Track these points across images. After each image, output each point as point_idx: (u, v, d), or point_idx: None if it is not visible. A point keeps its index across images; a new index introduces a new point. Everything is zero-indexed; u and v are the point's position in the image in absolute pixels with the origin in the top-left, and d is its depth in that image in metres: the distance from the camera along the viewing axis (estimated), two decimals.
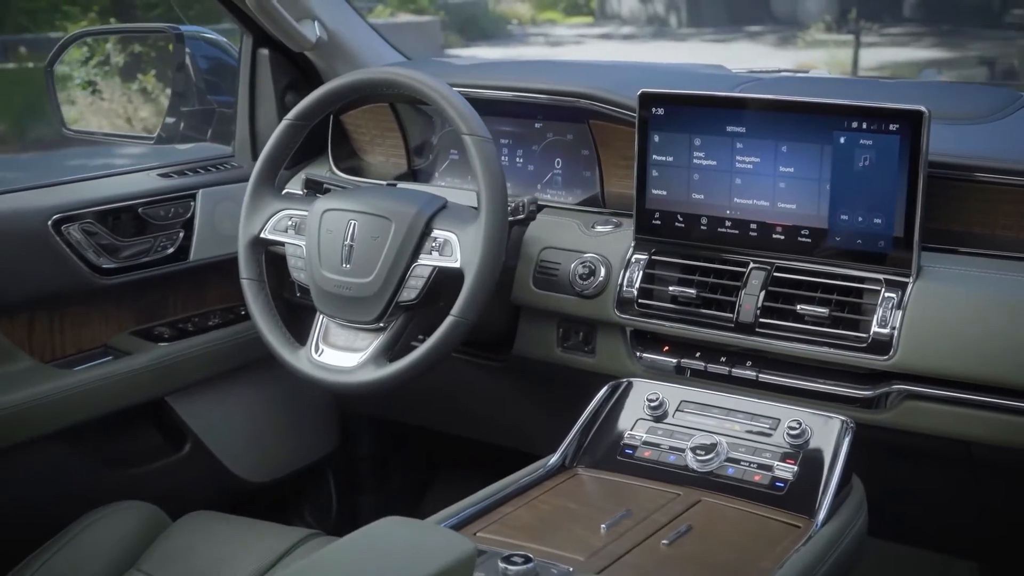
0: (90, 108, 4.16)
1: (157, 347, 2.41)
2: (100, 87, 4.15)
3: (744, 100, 1.98)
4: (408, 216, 2.06)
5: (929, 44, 15.75)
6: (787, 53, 15.26)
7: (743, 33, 17.52)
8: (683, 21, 18.53)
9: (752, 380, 1.99)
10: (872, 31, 15.15)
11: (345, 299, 2.10)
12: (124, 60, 4.00)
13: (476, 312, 2.00)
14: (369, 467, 2.99)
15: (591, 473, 1.91)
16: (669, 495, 1.81)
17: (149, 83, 5.09)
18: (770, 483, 1.79)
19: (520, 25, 19.29)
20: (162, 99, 5.20)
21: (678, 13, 18.64)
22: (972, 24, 16.65)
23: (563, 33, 18.72)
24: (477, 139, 2.02)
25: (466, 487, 3.00)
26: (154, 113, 5.36)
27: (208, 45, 2.71)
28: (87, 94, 3.83)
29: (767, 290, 1.97)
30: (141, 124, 5.50)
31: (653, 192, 2.08)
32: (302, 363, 2.14)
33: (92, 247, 2.29)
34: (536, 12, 20.12)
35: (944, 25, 16.62)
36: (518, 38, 18.12)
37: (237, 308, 2.60)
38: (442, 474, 3.07)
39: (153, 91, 5.27)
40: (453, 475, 3.05)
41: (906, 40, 15.95)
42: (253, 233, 2.21)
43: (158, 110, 5.32)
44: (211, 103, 2.71)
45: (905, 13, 17.43)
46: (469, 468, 3.01)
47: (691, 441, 1.87)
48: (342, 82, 2.15)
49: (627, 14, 19.12)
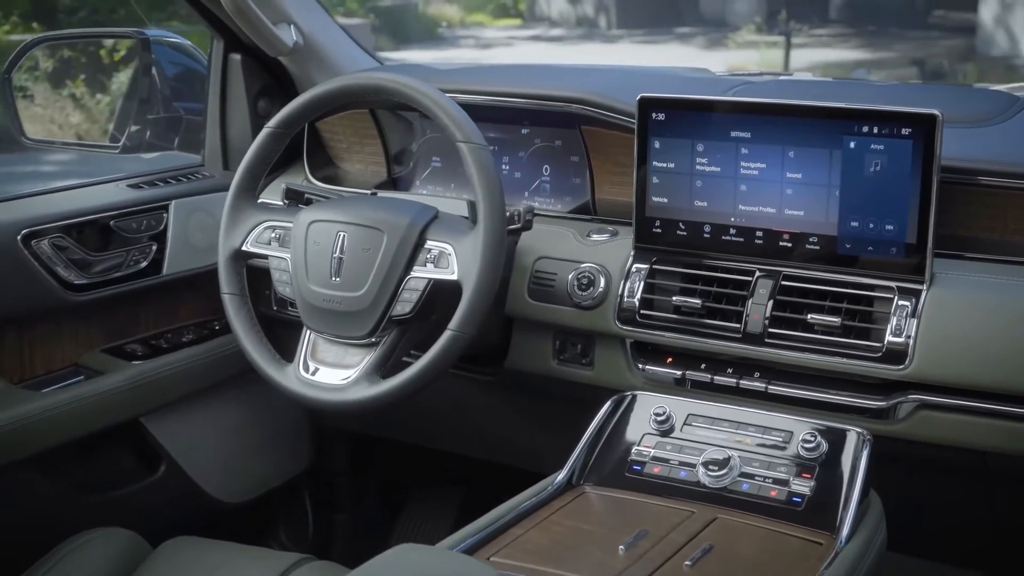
0: (25, 114, 4.04)
1: (131, 365, 2.31)
2: (31, 92, 4.04)
3: (750, 104, 1.93)
4: (401, 227, 1.99)
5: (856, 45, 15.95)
6: (718, 54, 15.34)
7: (673, 35, 17.61)
8: (613, 23, 18.56)
9: (761, 392, 1.94)
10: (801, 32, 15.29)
11: (335, 314, 2.02)
12: (53, 66, 3.89)
13: (475, 326, 1.93)
14: (344, 484, 2.91)
15: (599, 491, 1.84)
16: (684, 513, 1.75)
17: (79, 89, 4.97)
18: (787, 498, 1.74)
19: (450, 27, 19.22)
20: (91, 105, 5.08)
21: (607, 15, 18.66)
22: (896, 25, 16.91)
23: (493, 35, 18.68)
24: (473, 146, 1.95)
25: (443, 502, 2.95)
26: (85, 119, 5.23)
27: (173, 50, 2.61)
28: (21, 100, 3.70)
29: (775, 299, 1.92)
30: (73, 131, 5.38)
31: (653, 199, 2.03)
32: (290, 381, 2.05)
33: (63, 262, 2.19)
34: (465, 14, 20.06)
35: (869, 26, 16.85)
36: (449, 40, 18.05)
37: (211, 323, 2.50)
38: (418, 490, 2.99)
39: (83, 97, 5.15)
40: (430, 490, 2.97)
41: (833, 41, 16.15)
42: (234, 246, 2.12)
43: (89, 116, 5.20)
44: (177, 110, 2.62)
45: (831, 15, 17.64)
46: (448, 483, 2.94)
47: (702, 456, 1.82)
48: (328, 88, 2.07)
49: (556, 16, 19.12)
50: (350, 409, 2.00)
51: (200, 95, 2.60)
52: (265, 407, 2.59)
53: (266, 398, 2.56)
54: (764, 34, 15.19)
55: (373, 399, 1.98)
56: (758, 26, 15.38)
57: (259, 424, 2.60)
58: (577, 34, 18.37)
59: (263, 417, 2.60)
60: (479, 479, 2.89)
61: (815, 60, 14.32)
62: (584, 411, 2.17)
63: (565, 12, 19.08)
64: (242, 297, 2.12)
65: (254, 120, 2.49)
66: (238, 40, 2.44)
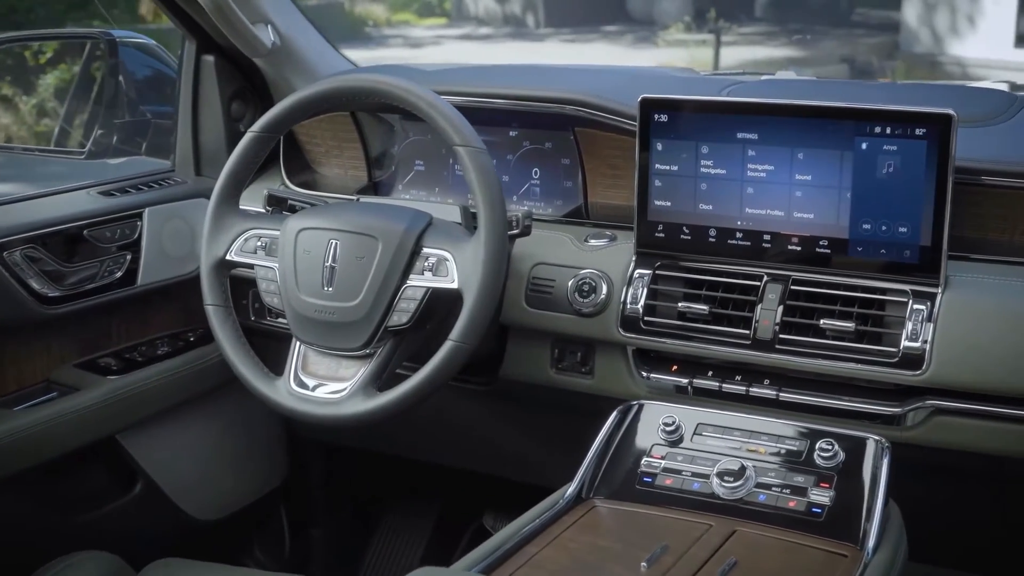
0: None
1: (107, 381, 2.21)
2: None
3: (758, 105, 1.89)
4: (396, 234, 1.92)
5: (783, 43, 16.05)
6: (647, 53, 15.38)
7: (600, 33, 17.61)
8: (540, 21, 18.51)
9: (772, 399, 1.90)
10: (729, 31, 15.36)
11: (328, 325, 1.94)
12: None
13: (478, 336, 1.87)
14: (320, 497, 2.82)
15: (610, 505, 1.79)
16: (701, 526, 1.70)
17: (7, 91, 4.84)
18: (806, 509, 1.70)
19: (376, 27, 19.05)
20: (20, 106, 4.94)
21: (535, 13, 18.61)
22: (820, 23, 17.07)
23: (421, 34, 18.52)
24: (472, 150, 1.88)
25: (420, 515, 2.88)
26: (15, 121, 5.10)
27: (139, 51, 2.51)
28: None
29: (785, 304, 1.87)
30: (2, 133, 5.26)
31: (656, 203, 1.97)
32: (281, 396, 1.97)
33: (36, 274, 2.08)
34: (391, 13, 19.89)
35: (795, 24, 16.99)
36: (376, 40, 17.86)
37: (185, 335, 2.41)
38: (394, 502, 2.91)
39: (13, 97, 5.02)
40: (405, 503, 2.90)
41: (761, 39, 16.24)
42: (218, 255, 2.03)
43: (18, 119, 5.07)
44: (144, 114, 2.52)
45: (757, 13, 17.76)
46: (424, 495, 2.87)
47: (716, 467, 1.77)
48: (317, 90, 1.99)
49: (484, 14, 19.03)
50: (346, 424, 1.93)
51: (168, 98, 2.50)
52: (241, 421, 2.50)
53: (242, 411, 2.48)
54: (693, 33, 15.23)
55: (370, 413, 1.91)
56: (687, 25, 15.43)
57: (235, 438, 2.51)
58: (505, 33, 18.30)
59: (239, 431, 2.51)
60: (455, 490, 2.83)
61: (744, 58, 14.39)
62: (582, 421, 2.11)
63: (492, 11, 19.00)
64: (227, 308, 2.04)
65: (228, 123, 2.40)
66: (211, 41, 2.35)
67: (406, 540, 2.82)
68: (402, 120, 2.36)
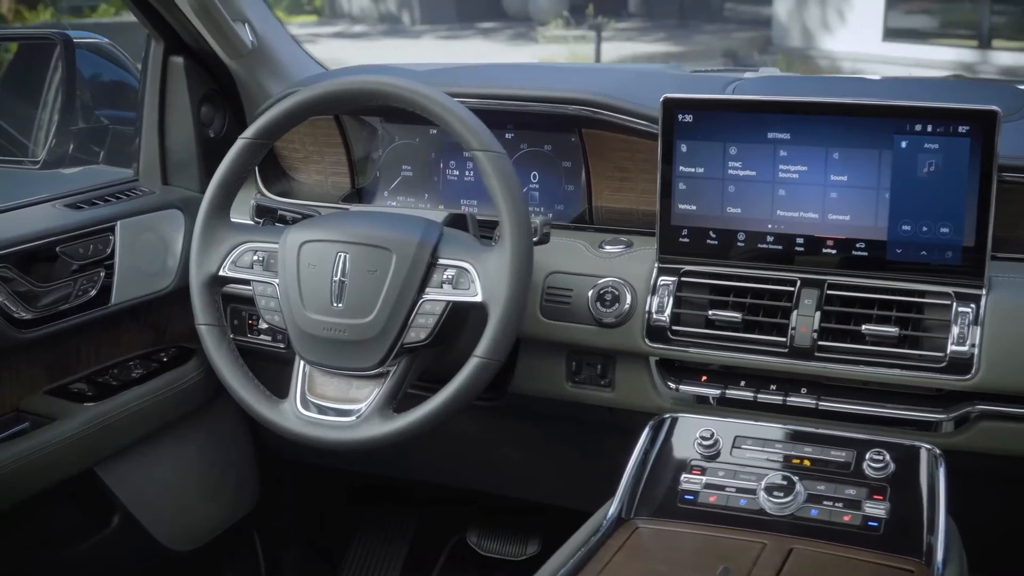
0: None
1: (84, 408, 2.04)
2: None
3: (792, 104, 1.81)
4: (411, 245, 1.80)
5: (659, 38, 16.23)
6: (526, 49, 15.37)
7: (476, 30, 17.56)
8: (416, 19, 18.38)
9: (811, 408, 1.83)
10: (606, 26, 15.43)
11: (337, 343, 1.82)
12: None
13: (505, 351, 1.76)
14: (293, 519, 2.68)
15: (653, 525, 1.70)
16: (755, 545, 1.62)
17: None
18: (862, 523, 1.64)
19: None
20: None
21: (411, 11, 18.47)
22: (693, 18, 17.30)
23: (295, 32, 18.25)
24: (492, 155, 1.77)
25: (394, 534, 2.76)
26: None
27: (91, 52, 2.34)
28: None
29: (822, 310, 1.81)
30: None
31: (680, 207, 1.89)
32: (288, 421, 1.84)
33: (8, 296, 1.91)
34: None
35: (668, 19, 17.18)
36: None
37: (157, 355, 2.26)
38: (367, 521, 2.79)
39: None
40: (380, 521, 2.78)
41: (637, 34, 16.39)
42: (210, 271, 1.89)
43: None
44: (100, 120, 2.35)
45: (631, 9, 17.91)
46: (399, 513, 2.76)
47: (764, 481, 1.70)
48: (317, 93, 1.85)
49: (358, 12, 18.81)
50: (362, 448, 1.81)
51: (126, 102, 2.34)
52: (214, 444, 2.36)
53: (214, 434, 2.35)
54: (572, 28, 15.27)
55: (389, 436, 1.79)
56: (566, 20, 15.46)
57: (209, 462, 2.36)
58: (380, 30, 18.12)
59: (212, 455, 2.37)
60: (431, 507, 2.72)
61: (624, 53, 14.48)
62: (595, 436, 2.03)
63: (367, 8, 18.79)
64: (221, 328, 1.90)
65: (198, 128, 2.25)
66: (180, 41, 2.20)
67: (381, 558, 2.71)
68: (385, 123, 2.24)
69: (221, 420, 2.35)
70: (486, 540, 2.66)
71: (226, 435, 2.36)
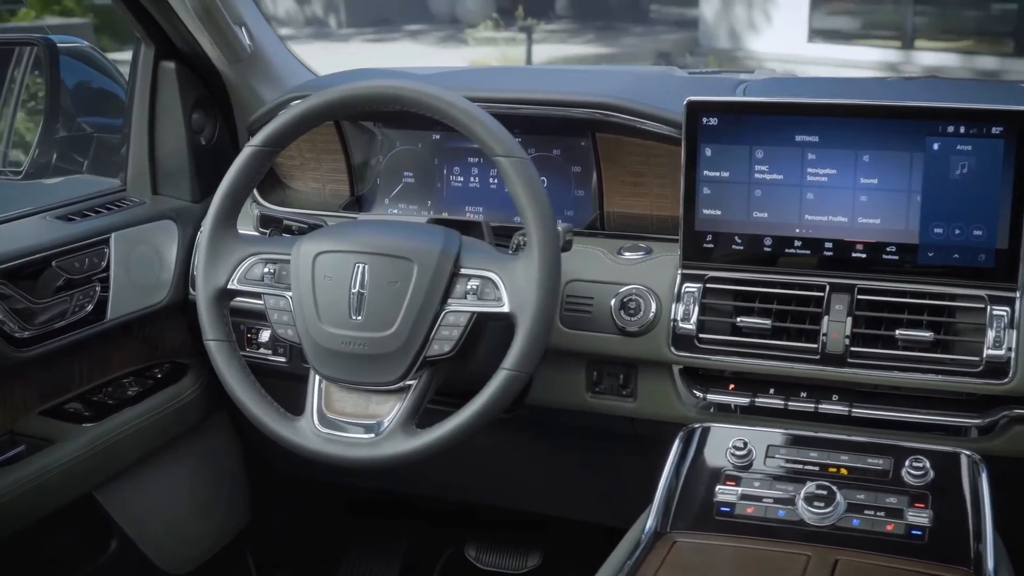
0: None
1: (82, 430, 1.95)
2: None
3: (822, 106, 1.78)
4: (432, 255, 1.74)
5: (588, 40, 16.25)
6: (457, 51, 15.30)
7: (403, 32, 17.45)
8: (343, 22, 18.23)
9: (844, 416, 1.80)
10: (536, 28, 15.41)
11: (357, 357, 1.75)
12: None
13: (535, 363, 1.71)
14: (286, 536, 2.60)
15: (692, 539, 1.66)
16: (799, 558, 1.58)
17: None
18: (905, 532, 1.61)
19: None
20: None
21: (337, 14, 18.32)
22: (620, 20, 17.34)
23: None
24: (517, 161, 1.72)
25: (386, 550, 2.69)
26: None
27: (72, 57, 2.25)
28: None
29: (854, 315, 1.77)
30: None
31: (704, 212, 1.85)
32: (306, 439, 1.77)
33: (7, 313, 1.82)
34: None
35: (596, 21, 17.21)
36: None
37: (150, 371, 2.17)
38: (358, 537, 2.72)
39: None
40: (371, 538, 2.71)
41: (566, 36, 16.41)
42: (218, 285, 1.81)
43: None
44: (82, 128, 2.26)
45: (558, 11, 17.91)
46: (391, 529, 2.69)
47: (802, 491, 1.66)
48: (331, 98, 1.78)
49: (283, 15, 18.59)
50: (385, 466, 1.74)
51: (110, 109, 2.25)
52: (208, 462, 2.28)
53: (208, 451, 2.27)
54: (502, 30, 15.23)
55: (413, 453, 1.73)
56: (496, 22, 15.41)
57: (202, 481, 2.28)
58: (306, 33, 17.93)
59: (205, 473, 2.28)
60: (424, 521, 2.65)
61: (554, 55, 14.48)
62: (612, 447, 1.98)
63: (292, 11, 18.59)
64: (231, 343, 1.82)
65: (190, 136, 2.17)
66: (172, 46, 2.12)
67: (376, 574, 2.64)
68: (385, 128, 2.17)
69: (214, 437, 2.27)
70: (485, 554, 2.61)
71: (219, 452, 2.29)
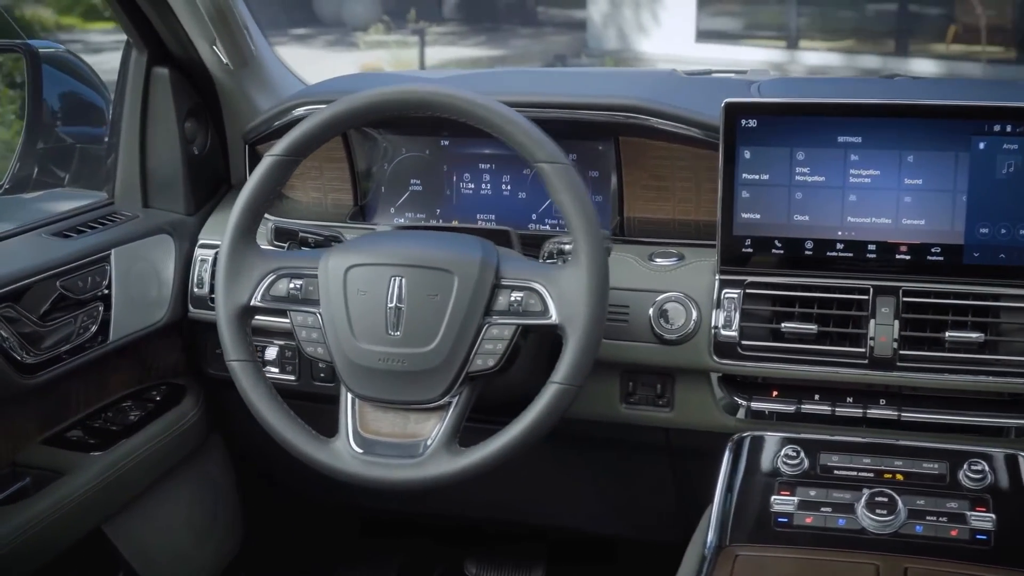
0: None
1: (91, 459, 1.84)
2: None
3: (866, 106, 1.75)
4: (473, 266, 1.67)
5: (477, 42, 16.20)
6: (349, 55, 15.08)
7: (289, 36, 17.16)
8: None
9: (893, 420, 1.77)
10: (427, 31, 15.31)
11: (395, 375, 1.67)
12: None
13: (586, 376, 1.64)
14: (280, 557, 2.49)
15: (752, 551, 1.62)
16: (868, 567, 1.56)
17: None
18: (970, 537, 1.59)
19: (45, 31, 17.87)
20: None
21: None
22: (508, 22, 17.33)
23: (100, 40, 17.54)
24: (560, 167, 1.66)
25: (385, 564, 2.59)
26: None
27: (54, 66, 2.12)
28: None
29: (901, 318, 1.75)
30: None
31: (743, 216, 1.81)
32: (343, 461, 1.68)
33: (15, 338, 1.70)
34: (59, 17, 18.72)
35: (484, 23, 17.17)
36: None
37: (147, 393, 2.06)
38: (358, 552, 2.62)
39: None
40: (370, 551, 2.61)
41: (456, 39, 16.33)
42: (240, 302, 1.72)
43: None
44: (63, 139, 2.13)
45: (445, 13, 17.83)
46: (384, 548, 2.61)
47: (862, 499, 1.63)
48: (357, 103, 1.69)
49: None
50: (432, 487, 1.67)
51: (93, 119, 2.13)
52: (204, 486, 2.19)
53: (204, 475, 2.18)
54: (393, 33, 15.09)
55: (460, 473, 1.65)
56: (387, 25, 15.26)
57: (200, 507, 2.17)
58: None
59: (203, 498, 2.18)
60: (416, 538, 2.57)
61: (447, 57, 14.39)
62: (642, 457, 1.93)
63: None
64: (255, 363, 1.72)
65: (184, 145, 2.06)
66: (165, 51, 2.01)
67: None
68: (389, 135, 2.09)
69: (209, 460, 2.17)
70: (485, 570, 2.53)
71: (214, 475, 2.19)
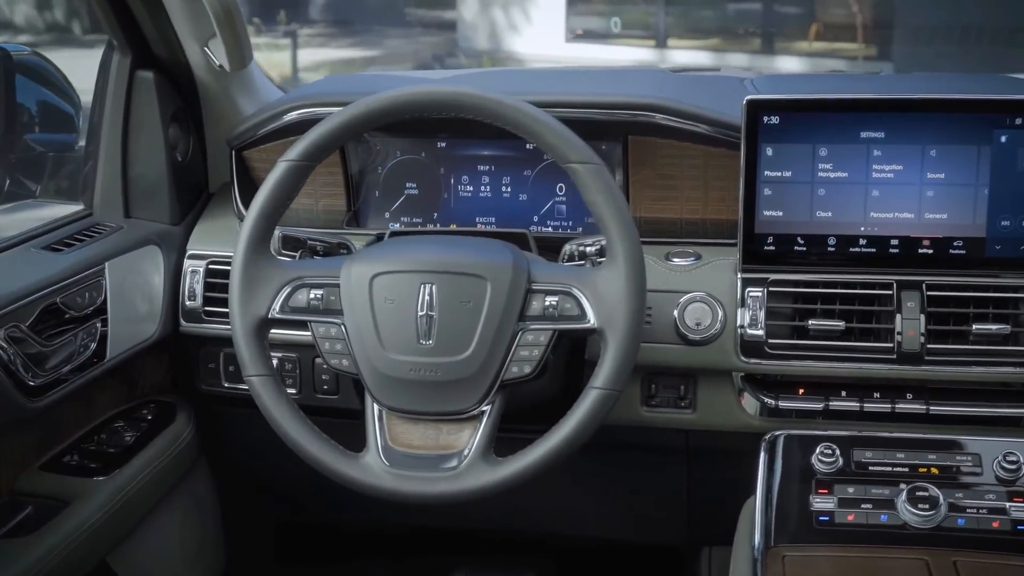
0: None
1: (96, 485, 1.73)
2: None
3: (889, 102, 1.75)
4: (506, 270, 1.62)
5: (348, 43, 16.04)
6: None
7: None
8: (87, 27, 17.38)
9: (921, 414, 1.77)
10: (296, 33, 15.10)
11: (428, 385, 1.62)
12: None
13: (627, 379, 1.61)
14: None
15: (798, 552, 1.61)
16: (917, 563, 1.56)
17: None
18: (1012, 528, 1.61)
19: None
20: None
21: (80, 19, 17.46)
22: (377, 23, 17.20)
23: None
24: (592, 168, 1.62)
25: None
26: None
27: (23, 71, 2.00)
28: None
29: (927, 312, 1.75)
30: None
31: (765, 214, 1.80)
32: (375, 477, 1.61)
33: (21, 360, 1.60)
34: None
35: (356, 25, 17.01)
36: None
37: (137, 412, 1.96)
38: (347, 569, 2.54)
39: None
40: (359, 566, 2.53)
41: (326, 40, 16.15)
42: (258, 315, 1.64)
43: None
44: (33, 147, 2.02)
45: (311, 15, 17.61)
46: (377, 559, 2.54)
47: (902, 494, 1.63)
48: (376, 105, 1.62)
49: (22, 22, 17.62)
50: (470, 499, 1.61)
51: (64, 126, 2.02)
52: (192, 507, 2.09)
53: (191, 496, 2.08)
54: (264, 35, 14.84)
55: (500, 484, 1.61)
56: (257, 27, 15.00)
57: (190, 531, 2.08)
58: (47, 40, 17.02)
59: (191, 522, 2.09)
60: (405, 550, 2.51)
61: (320, 59, 14.24)
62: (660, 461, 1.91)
63: (32, 17, 17.62)
64: (275, 378, 1.65)
65: (169, 152, 1.96)
66: (150, 53, 1.91)
67: None
68: (384, 137, 2.02)
69: (196, 481, 2.08)
70: None
71: (202, 497, 2.09)
